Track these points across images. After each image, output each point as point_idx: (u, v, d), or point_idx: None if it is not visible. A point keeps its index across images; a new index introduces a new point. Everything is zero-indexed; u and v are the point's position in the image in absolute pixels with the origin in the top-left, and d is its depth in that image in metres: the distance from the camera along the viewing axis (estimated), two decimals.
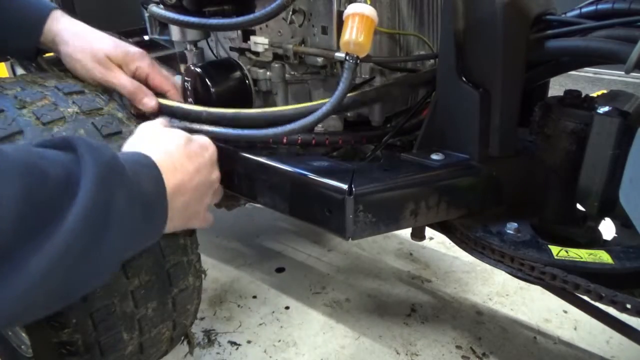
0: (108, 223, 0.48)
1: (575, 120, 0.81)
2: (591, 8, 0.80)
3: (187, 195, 0.67)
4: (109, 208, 0.48)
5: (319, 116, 0.80)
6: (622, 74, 2.75)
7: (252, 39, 1.00)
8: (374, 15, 0.77)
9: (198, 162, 0.71)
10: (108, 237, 0.48)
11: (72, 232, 0.44)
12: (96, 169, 0.47)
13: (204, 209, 0.76)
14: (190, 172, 0.68)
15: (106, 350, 0.87)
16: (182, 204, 0.66)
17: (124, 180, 0.51)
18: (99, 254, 0.48)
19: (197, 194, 0.71)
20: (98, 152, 0.48)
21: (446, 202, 0.85)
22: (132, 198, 0.52)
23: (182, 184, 0.66)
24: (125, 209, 0.50)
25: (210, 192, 0.76)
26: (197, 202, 0.72)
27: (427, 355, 1.28)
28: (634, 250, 0.79)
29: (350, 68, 0.77)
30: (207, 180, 0.74)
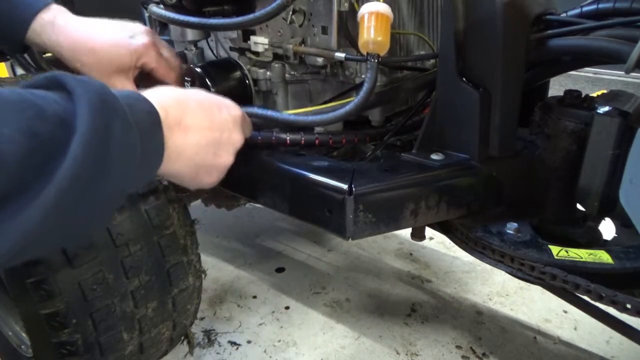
0: (109, 154, 0.48)
1: (575, 120, 0.81)
2: (592, 7, 0.80)
3: (194, 140, 0.66)
4: (107, 136, 0.47)
5: (341, 113, 0.81)
6: (622, 74, 2.75)
7: (252, 39, 1.00)
8: (389, 12, 0.77)
9: (213, 115, 0.70)
10: (110, 166, 0.48)
11: (77, 161, 0.44)
12: (89, 99, 0.46)
13: (217, 169, 0.73)
14: (199, 118, 0.67)
15: (106, 350, 0.87)
16: (187, 147, 0.65)
17: (118, 108, 0.50)
18: (105, 183, 0.48)
19: (210, 148, 0.69)
20: (88, 84, 0.48)
21: (446, 202, 0.85)
22: (128, 128, 0.51)
23: (187, 126, 0.65)
24: (122, 138, 0.49)
25: (227, 152, 0.73)
26: (210, 157, 0.70)
27: (427, 355, 1.28)
28: (634, 250, 0.79)
29: (373, 67, 0.78)
30: (224, 137, 0.72)
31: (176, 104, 0.64)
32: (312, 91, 1.04)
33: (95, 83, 0.49)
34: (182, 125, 0.64)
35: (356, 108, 0.80)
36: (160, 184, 0.94)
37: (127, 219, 0.88)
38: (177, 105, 0.64)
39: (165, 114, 0.60)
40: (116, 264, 0.86)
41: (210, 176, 0.73)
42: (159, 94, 0.63)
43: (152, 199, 0.92)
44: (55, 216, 0.43)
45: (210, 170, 0.72)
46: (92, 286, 0.83)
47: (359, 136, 0.96)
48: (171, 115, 0.62)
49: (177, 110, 0.64)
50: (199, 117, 0.67)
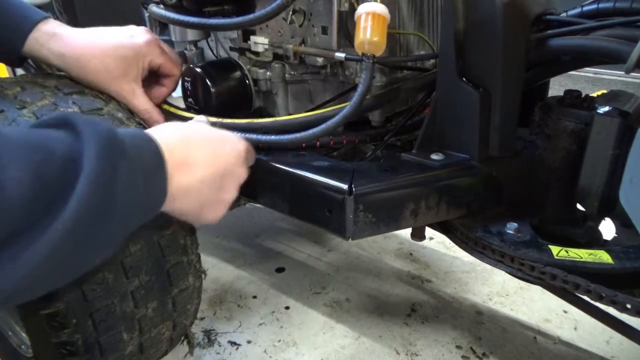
0: (114, 194, 0.48)
1: (575, 120, 0.81)
2: (593, 7, 0.80)
3: (198, 178, 0.65)
4: (113, 179, 0.48)
5: (339, 119, 0.80)
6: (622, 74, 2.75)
7: (252, 39, 1.00)
8: (386, 13, 0.77)
9: (216, 150, 0.69)
10: (115, 209, 0.49)
11: (82, 201, 0.44)
12: (97, 142, 0.47)
13: (222, 204, 0.73)
14: (203, 156, 0.67)
15: (106, 350, 0.87)
16: (191, 185, 0.65)
17: (125, 151, 0.51)
18: (107, 224, 0.49)
19: (214, 184, 0.69)
20: (96, 126, 0.48)
21: (446, 202, 0.85)
22: (133, 169, 0.52)
23: (191, 164, 0.64)
24: (127, 180, 0.50)
25: (231, 187, 0.73)
26: (214, 193, 0.70)
27: (427, 355, 1.28)
28: (634, 250, 0.79)
29: (368, 68, 0.78)
30: (228, 173, 0.71)
31: (180, 143, 0.64)
32: (312, 91, 1.04)
33: (103, 124, 0.50)
34: (186, 164, 0.64)
35: (351, 112, 0.80)
36: None
37: None
38: (182, 144, 0.64)
39: (171, 154, 0.60)
40: (116, 264, 0.86)
41: (215, 212, 0.73)
42: (164, 132, 0.63)
43: None
44: (58, 256, 0.44)
45: (215, 207, 0.72)
46: (92, 286, 0.83)
47: (359, 137, 0.96)
48: (176, 155, 0.62)
49: (181, 150, 0.63)
50: (203, 155, 0.67)
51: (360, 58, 0.78)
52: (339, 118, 0.80)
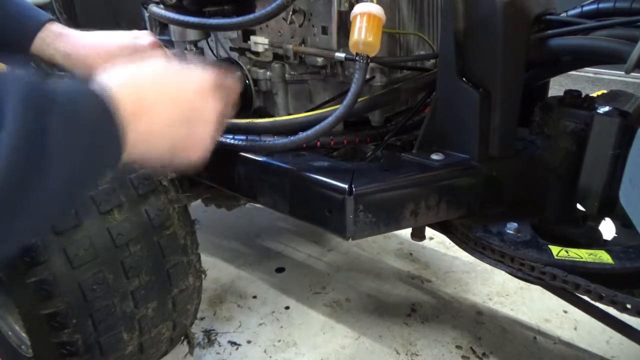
0: (45, 153, 0.44)
1: (575, 120, 0.81)
2: (593, 7, 0.80)
3: (158, 122, 0.61)
4: (43, 135, 0.43)
5: (333, 120, 0.80)
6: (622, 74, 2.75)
7: (252, 39, 1.00)
8: (381, 14, 0.77)
9: (176, 89, 0.64)
10: (49, 166, 0.44)
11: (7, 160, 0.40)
12: (19, 99, 0.42)
13: (197, 142, 0.67)
14: (161, 99, 0.61)
15: (106, 351, 0.87)
16: (153, 131, 0.60)
17: (54, 107, 0.46)
18: (43, 183, 0.45)
19: (181, 124, 0.63)
20: (18, 82, 0.44)
21: (446, 202, 0.85)
22: (70, 124, 0.47)
23: (147, 111, 0.59)
24: (62, 137, 0.46)
25: (203, 122, 0.67)
26: (184, 133, 0.64)
27: (427, 355, 1.28)
28: (634, 250, 0.79)
29: (362, 68, 0.77)
30: (194, 108, 0.66)
31: (131, 89, 0.59)
32: (312, 91, 1.04)
33: (27, 79, 0.45)
34: (141, 111, 0.59)
35: (344, 113, 0.79)
36: (160, 184, 0.94)
37: (127, 219, 0.88)
38: (133, 90, 0.59)
39: (122, 101, 0.55)
40: (116, 264, 0.86)
41: (194, 151, 0.68)
42: (109, 80, 0.58)
43: (152, 199, 0.92)
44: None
45: (190, 146, 0.67)
46: (92, 286, 0.83)
47: (360, 137, 0.96)
48: (128, 102, 0.57)
49: (132, 95, 0.58)
50: (160, 98, 0.62)
51: (355, 58, 0.78)
52: (332, 119, 0.80)
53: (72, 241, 0.82)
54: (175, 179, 0.98)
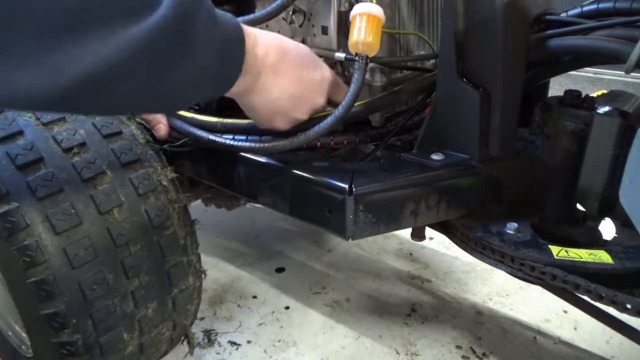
0: (194, 31, 0.49)
1: (575, 120, 0.81)
2: (593, 7, 0.80)
3: (281, 86, 0.72)
4: (193, 21, 0.49)
5: (332, 121, 0.80)
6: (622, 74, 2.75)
7: None
8: (381, 14, 0.77)
9: (306, 71, 0.75)
10: (192, 50, 0.50)
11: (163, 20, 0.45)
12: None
13: (291, 120, 0.79)
14: (293, 72, 0.73)
15: (106, 351, 0.87)
16: (273, 89, 0.71)
17: (207, 7, 0.53)
18: (184, 63, 0.50)
19: (292, 100, 0.75)
20: None
21: (446, 202, 0.85)
22: (213, 27, 0.54)
23: (279, 73, 0.71)
24: (206, 31, 0.52)
25: (305, 109, 0.78)
26: (289, 107, 0.75)
27: (427, 355, 1.28)
28: (634, 250, 0.79)
29: (361, 69, 0.77)
30: (307, 95, 0.77)
31: (278, 49, 0.70)
32: None
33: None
34: (276, 69, 0.70)
35: (343, 113, 0.79)
36: (160, 184, 0.94)
37: (127, 219, 0.88)
38: (278, 50, 0.71)
39: (264, 52, 0.67)
40: (116, 264, 0.86)
41: (283, 123, 0.79)
42: (266, 34, 0.70)
43: (152, 199, 0.92)
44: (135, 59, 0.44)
45: (285, 119, 0.78)
46: (92, 286, 0.83)
47: (360, 137, 0.96)
48: (270, 57, 0.69)
49: (276, 55, 0.70)
50: (293, 69, 0.73)
51: (355, 58, 0.78)
52: (331, 120, 0.80)
53: (72, 241, 0.82)
54: (175, 179, 0.98)
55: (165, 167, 0.97)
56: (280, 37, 0.74)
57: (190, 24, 0.49)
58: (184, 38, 0.48)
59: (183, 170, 1.07)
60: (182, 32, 0.48)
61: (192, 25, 0.49)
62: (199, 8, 0.51)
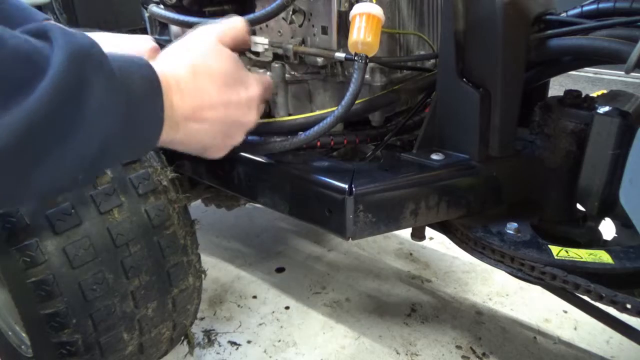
0: (81, 109, 0.44)
1: (575, 120, 0.81)
2: (593, 7, 0.80)
3: (208, 123, 0.64)
4: (82, 93, 0.44)
5: (332, 121, 0.80)
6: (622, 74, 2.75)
7: (252, 39, 1.00)
8: (380, 14, 0.77)
9: (232, 95, 0.67)
10: (82, 125, 0.44)
11: (35, 108, 0.40)
12: (70, 50, 0.43)
13: (226, 147, 0.72)
14: (218, 98, 0.65)
15: (106, 351, 0.87)
16: (201, 130, 0.63)
17: (104, 69, 0.46)
18: (72, 142, 0.44)
19: (223, 128, 0.68)
20: (73, 37, 0.44)
21: (446, 202, 0.85)
22: (114, 91, 0.47)
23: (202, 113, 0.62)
24: (102, 101, 0.45)
25: (239, 132, 0.72)
26: (220, 138, 0.69)
27: (427, 355, 1.28)
28: (634, 250, 0.79)
29: (360, 68, 0.77)
30: (238, 117, 0.70)
31: (193, 84, 0.61)
32: (312, 91, 1.04)
33: (84, 38, 0.46)
34: (197, 113, 0.62)
35: (343, 113, 0.79)
36: (160, 184, 0.94)
37: (127, 219, 0.88)
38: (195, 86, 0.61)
39: (180, 97, 0.58)
40: (116, 264, 0.86)
41: (218, 152, 0.72)
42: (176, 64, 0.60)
43: (152, 199, 0.92)
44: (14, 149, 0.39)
45: (219, 148, 0.72)
46: (92, 286, 0.83)
47: (360, 137, 0.96)
48: (186, 101, 0.60)
49: (195, 94, 0.61)
50: (216, 100, 0.64)
51: (354, 58, 0.78)
52: (331, 120, 0.80)
53: (72, 241, 0.82)
54: (175, 179, 0.98)
55: (165, 167, 0.97)
56: (193, 58, 0.64)
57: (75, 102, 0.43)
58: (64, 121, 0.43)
59: (183, 170, 1.07)
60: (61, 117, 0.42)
61: (77, 104, 0.43)
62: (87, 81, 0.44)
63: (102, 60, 0.47)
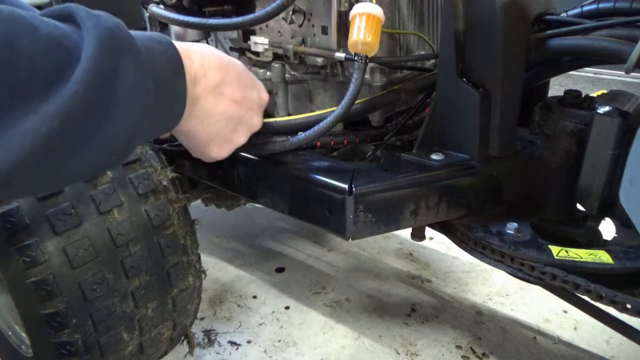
0: (115, 91, 0.44)
1: (575, 120, 0.81)
2: (592, 7, 0.80)
3: (221, 108, 0.66)
4: (115, 77, 0.44)
5: (332, 121, 0.80)
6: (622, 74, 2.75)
7: (252, 39, 1.00)
8: (380, 14, 0.77)
9: (246, 92, 0.70)
10: (116, 107, 0.45)
11: (74, 96, 0.40)
12: (99, 34, 0.42)
13: (230, 144, 0.73)
14: (234, 91, 0.67)
15: (106, 351, 0.87)
16: (214, 112, 0.65)
17: (133, 50, 0.47)
18: (107, 124, 0.45)
19: (232, 121, 0.69)
20: (100, 19, 0.44)
21: (446, 202, 0.85)
22: (141, 68, 0.47)
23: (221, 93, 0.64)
24: (134, 82, 0.46)
25: (244, 131, 0.74)
26: (229, 130, 0.70)
27: (427, 355, 1.28)
28: (634, 250, 0.79)
29: (360, 68, 0.77)
30: (247, 116, 0.72)
31: (218, 68, 0.64)
32: (312, 91, 1.04)
33: (109, 19, 0.45)
34: (217, 90, 0.64)
35: (343, 113, 0.79)
36: (160, 184, 0.94)
37: (127, 219, 0.88)
38: (219, 69, 0.64)
39: (203, 72, 0.60)
40: (116, 264, 0.86)
41: (221, 149, 0.73)
42: (203, 51, 0.63)
43: (152, 199, 0.92)
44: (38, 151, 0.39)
45: (223, 143, 0.72)
46: (92, 286, 0.83)
47: (360, 137, 0.96)
48: (210, 77, 0.62)
49: (217, 75, 0.64)
50: (233, 89, 0.67)
51: (354, 58, 0.78)
52: (331, 120, 0.80)
53: (72, 241, 0.82)
54: (175, 179, 0.98)
55: (165, 167, 0.97)
56: (217, 52, 0.66)
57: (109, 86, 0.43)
58: (100, 105, 0.43)
59: (183, 170, 1.07)
60: (97, 102, 0.42)
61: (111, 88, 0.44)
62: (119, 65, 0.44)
63: (130, 42, 0.47)
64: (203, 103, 0.62)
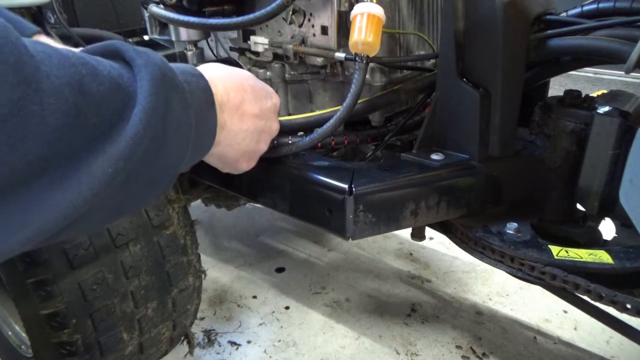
0: (166, 128, 0.46)
1: (575, 120, 0.81)
2: (593, 7, 0.80)
3: (245, 126, 0.67)
4: (167, 113, 0.45)
5: (334, 123, 0.80)
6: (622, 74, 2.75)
7: (252, 39, 1.00)
8: (381, 14, 0.77)
9: (262, 103, 0.71)
10: (167, 145, 0.46)
11: (135, 136, 0.41)
12: (151, 72, 0.44)
13: (255, 155, 0.75)
14: (253, 106, 0.68)
15: (106, 351, 0.87)
16: (240, 132, 0.66)
17: (177, 85, 0.48)
18: (159, 161, 0.46)
19: (255, 135, 0.70)
20: (147, 56, 0.45)
21: (446, 202, 0.85)
22: (186, 104, 0.50)
23: (243, 112, 0.65)
24: (180, 118, 0.48)
25: (266, 139, 0.75)
26: (254, 144, 0.71)
27: (427, 355, 1.28)
28: (634, 250, 0.79)
29: (361, 69, 0.77)
30: (267, 125, 0.73)
31: (236, 88, 0.65)
32: (312, 91, 1.04)
33: (154, 56, 0.47)
34: (239, 111, 0.65)
35: (345, 114, 0.79)
36: None
37: (127, 219, 0.88)
38: (237, 90, 0.65)
39: (227, 97, 0.62)
40: (116, 264, 0.86)
41: (248, 162, 0.74)
42: (222, 75, 0.63)
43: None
44: (105, 190, 0.40)
45: (250, 157, 0.73)
46: (92, 286, 0.83)
47: (360, 137, 0.96)
48: (232, 99, 0.63)
49: (237, 96, 0.64)
50: (252, 105, 0.68)
51: (355, 58, 0.78)
52: (333, 122, 0.79)
53: (72, 241, 0.82)
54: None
55: None
56: (229, 70, 0.68)
57: (162, 124, 0.45)
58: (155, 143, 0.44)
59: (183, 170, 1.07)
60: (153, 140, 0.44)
61: (164, 125, 0.45)
62: (170, 102, 0.46)
63: (175, 78, 0.49)
64: (229, 126, 0.63)
